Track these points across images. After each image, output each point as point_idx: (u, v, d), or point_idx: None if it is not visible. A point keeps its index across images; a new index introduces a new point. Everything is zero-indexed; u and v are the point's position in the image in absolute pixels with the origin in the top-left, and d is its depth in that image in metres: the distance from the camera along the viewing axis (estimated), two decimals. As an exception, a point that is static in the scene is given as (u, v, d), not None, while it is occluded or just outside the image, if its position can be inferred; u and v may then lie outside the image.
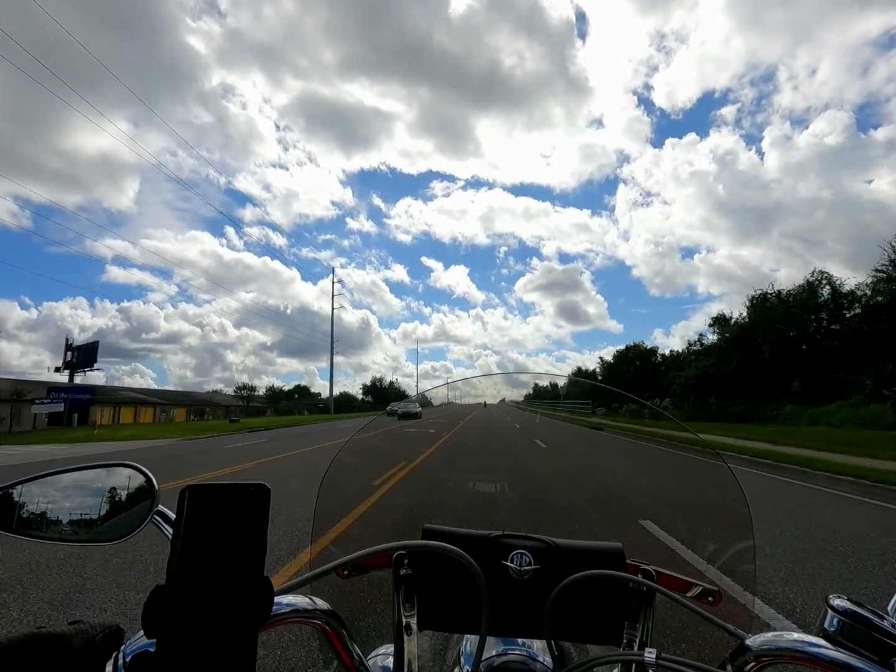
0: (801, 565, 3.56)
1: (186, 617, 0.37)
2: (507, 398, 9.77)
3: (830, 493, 6.69)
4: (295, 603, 0.51)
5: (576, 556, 0.58)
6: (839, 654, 0.44)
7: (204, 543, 0.38)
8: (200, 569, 0.38)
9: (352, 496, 2.69)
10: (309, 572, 0.54)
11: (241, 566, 0.39)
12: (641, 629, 0.59)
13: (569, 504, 4.45)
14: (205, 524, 0.39)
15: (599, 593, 0.56)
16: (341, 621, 0.54)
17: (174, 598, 0.37)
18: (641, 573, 0.60)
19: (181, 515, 0.39)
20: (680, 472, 3.40)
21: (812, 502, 6.13)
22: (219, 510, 0.39)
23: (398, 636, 0.61)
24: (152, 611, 0.37)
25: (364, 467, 2.17)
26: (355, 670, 0.55)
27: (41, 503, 0.58)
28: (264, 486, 0.41)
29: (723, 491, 0.93)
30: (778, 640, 0.47)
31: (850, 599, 0.46)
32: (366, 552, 0.54)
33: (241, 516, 0.40)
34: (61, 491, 0.60)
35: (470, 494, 2.17)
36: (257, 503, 0.40)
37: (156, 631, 0.36)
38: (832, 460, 8.97)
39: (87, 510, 0.58)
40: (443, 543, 0.55)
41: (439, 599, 0.59)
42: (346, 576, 0.64)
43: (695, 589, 0.61)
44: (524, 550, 0.58)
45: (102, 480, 0.61)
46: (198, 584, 0.38)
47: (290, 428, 26.67)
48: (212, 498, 0.39)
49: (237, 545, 0.39)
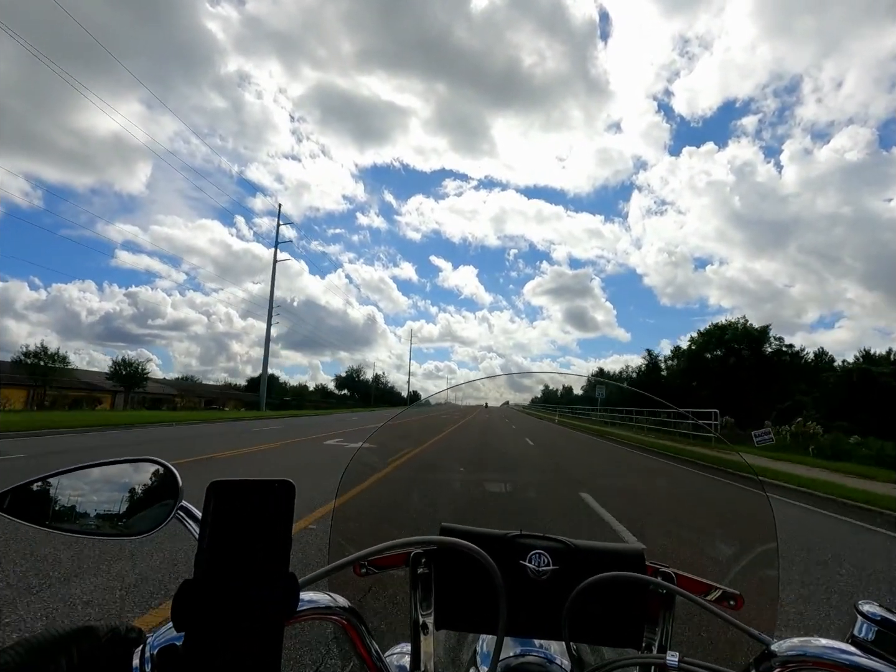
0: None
1: (215, 611, 0.38)
2: (510, 401, 9.26)
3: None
4: (316, 599, 0.52)
5: (595, 557, 0.57)
6: (870, 661, 0.42)
7: (231, 538, 0.39)
8: (228, 563, 0.39)
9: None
10: (326, 567, 0.54)
11: (267, 561, 0.40)
12: (661, 632, 0.58)
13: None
14: (231, 519, 0.39)
15: (619, 595, 0.55)
16: (361, 618, 0.54)
17: (203, 592, 0.38)
18: (661, 576, 0.59)
19: (208, 510, 0.39)
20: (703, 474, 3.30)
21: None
22: (245, 506, 0.40)
23: (415, 635, 0.61)
24: (181, 604, 0.37)
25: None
26: (374, 667, 0.55)
27: (68, 498, 0.60)
28: (289, 483, 0.42)
29: (744, 491, 0.91)
30: (805, 646, 0.46)
31: (880, 605, 0.45)
32: (384, 546, 0.55)
33: (267, 512, 0.40)
34: (87, 486, 0.61)
35: (484, 495, 2.17)
36: (282, 499, 0.41)
37: (185, 624, 0.37)
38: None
39: (112, 505, 0.60)
40: (460, 540, 0.55)
41: (456, 599, 0.58)
42: (363, 574, 0.64)
43: (715, 593, 0.59)
44: (542, 551, 0.58)
45: (127, 476, 0.62)
46: (225, 578, 0.38)
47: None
48: (238, 494, 0.40)
49: (263, 540, 0.40)
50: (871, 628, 0.43)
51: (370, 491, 1.73)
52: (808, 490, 7.93)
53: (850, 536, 5.48)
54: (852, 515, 6.54)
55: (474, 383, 1.28)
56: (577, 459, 5.75)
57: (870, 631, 0.43)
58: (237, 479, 0.40)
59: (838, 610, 3.14)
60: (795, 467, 11.13)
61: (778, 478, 8.95)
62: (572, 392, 33.78)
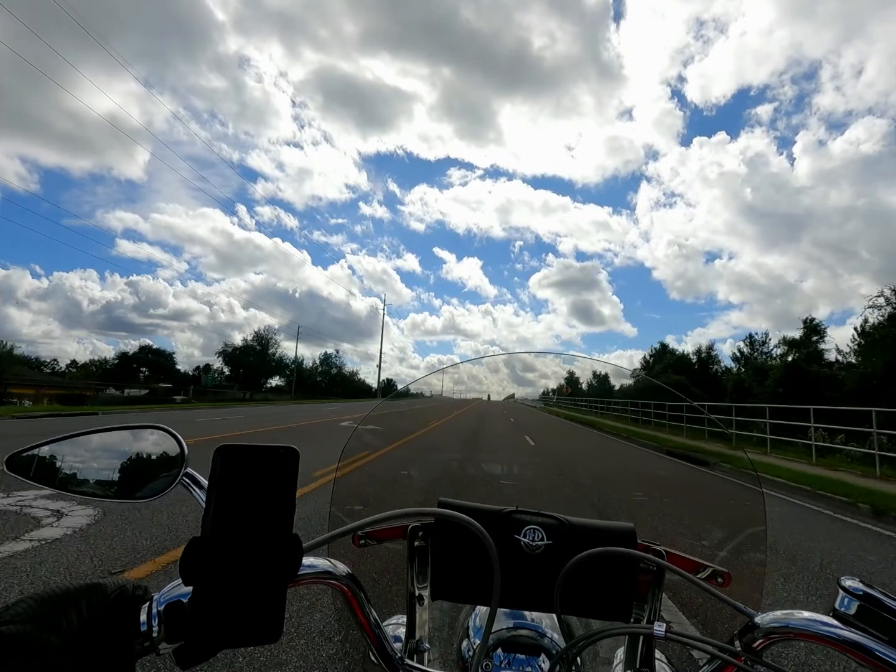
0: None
1: (222, 567, 0.39)
2: (516, 395, 8.29)
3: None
4: (318, 564, 0.53)
5: (588, 533, 0.59)
6: (849, 632, 0.44)
7: (236, 500, 0.40)
8: (234, 524, 0.40)
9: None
10: (327, 533, 0.56)
11: (271, 523, 0.41)
12: (650, 607, 0.60)
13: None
14: (237, 482, 0.40)
15: (610, 570, 0.56)
16: (360, 585, 0.56)
17: (210, 549, 0.39)
18: (652, 553, 0.61)
19: (214, 473, 0.40)
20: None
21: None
22: (250, 470, 0.41)
23: (410, 606, 0.63)
24: (189, 560, 0.38)
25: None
26: (371, 632, 0.57)
27: (77, 461, 0.61)
28: (293, 449, 0.42)
29: (739, 479, 0.93)
30: (788, 619, 0.47)
31: (862, 581, 0.46)
32: (382, 516, 0.56)
33: (272, 476, 0.41)
34: (95, 450, 0.63)
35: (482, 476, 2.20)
36: (287, 465, 0.42)
37: (192, 579, 0.38)
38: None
39: (120, 469, 0.61)
40: (457, 513, 0.56)
41: (452, 571, 0.60)
42: (361, 545, 0.66)
43: (705, 570, 0.61)
44: (537, 526, 0.59)
45: (134, 441, 0.63)
46: (232, 538, 0.39)
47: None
48: (244, 458, 0.41)
49: (268, 503, 0.41)
50: (853, 602, 0.45)
51: (370, 465, 1.75)
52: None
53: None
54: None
55: (474, 373, 1.22)
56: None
57: (851, 605, 0.45)
58: (244, 444, 0.41)
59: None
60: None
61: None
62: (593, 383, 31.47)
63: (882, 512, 6.00)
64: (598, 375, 28.73)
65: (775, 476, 8.31)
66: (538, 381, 17.12)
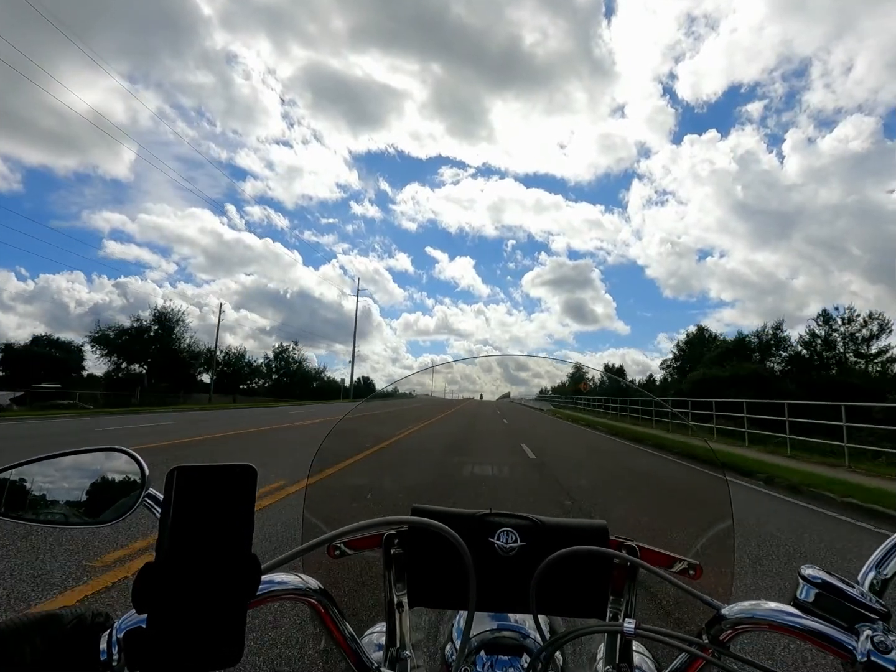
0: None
1: (176, 592, 0.38)
2: (512, 395, 7.35)
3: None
4: (287, 581, 0.52)
5: (561, 533, 0.60)
6: (808, 621, 0.46)
7: (192, 522, 0.39)
8: (189, 546, 0.39)
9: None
10: (297, 547, 0.55)
11: (228, 544, 0.40)
12: (625, 603, 0.62)
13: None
14: (193, 504, 0.39)
15: (584, 568, 0.57)
16: (332, 600, 0.55)
17: (164, 574, 0.38)
18: (625, 549, 0.62)
19: (170, 495, 0.39)
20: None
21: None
22: (206, 490, 0.40)
23: (389, 614, 0.63)
24: (142, 587, 0.37)
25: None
26: (347, 646, 0.56)
27: (32, 487, 0.58)
28: (251, 468, 0.42)
29: (705, 473, 0.97)
30: (753, 609, 0.49)
31: (821, 569, 0.48)
32: (355, 526, 0.55)
33: (228, 496, 0.40)
34: (53, 475, 0.60)
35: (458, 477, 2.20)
36: (244, 483, 0.41)
37: (146, 606, 0.37)
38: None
39: (78, 494, 0.59)
40: (430, 520, 0.56)
41: (429, 577, 0.60)
42: (337, 556, 0.65)
43: (678, 564, 0.63)
44: (510, 528, 0.60)
45: (94, 465, 0.61)
46: (187, 560, 0.38)
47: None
48: (199, 478, 0.40)
49: (225, 524, 0.40)
50: (812, 591, 0.47)
51: (343, 473, 1.73)
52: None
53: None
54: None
55: (467, 372, 1.21)
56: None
57: (811, 593, 0.47)
58: (198, 464, 0.40)
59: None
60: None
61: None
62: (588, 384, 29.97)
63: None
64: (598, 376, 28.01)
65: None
66: (532, 381, 17.13)
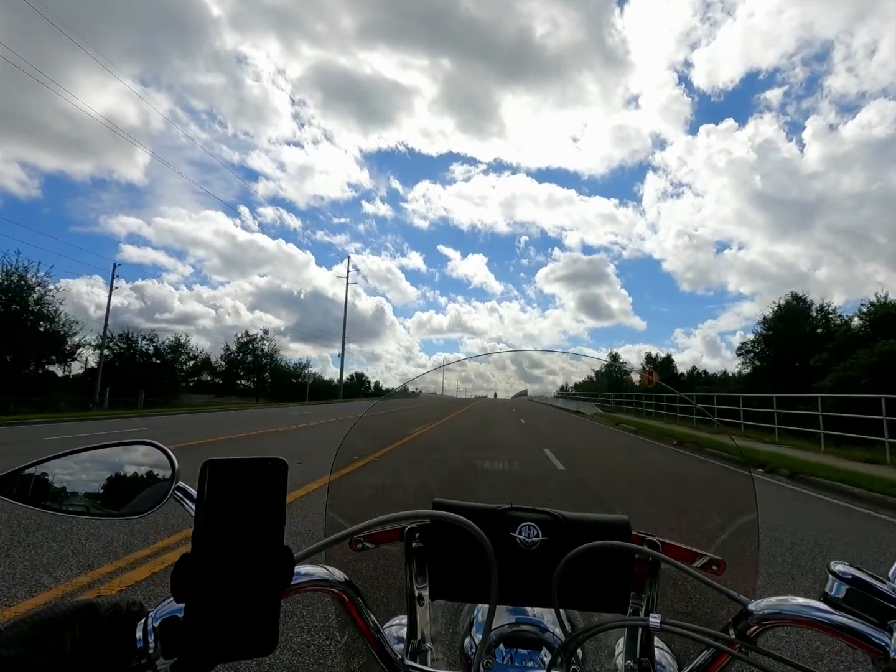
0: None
1: (213, 583, 0.39)
2: (529, 392, 6.05)
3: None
4: (313, 573, 0.53)
5: (583, 528, 0.60)
6: (839, 616, 0.45)
7: (226, 515, 0.40)
8: (224, 538, 0.40)
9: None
10: (322, 540, 0.56)
11: (262, 536, 0.41)
12: (647, 598, 0.61)
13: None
14: (226, 497, 0.40)
15: (606, 563, 0.57)
16: (357, 591, 0.56)
17: (201, 564, 0.39)
18: (647, 544, 0.62)
19: (203, 488, 0.40)
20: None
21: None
22: (239, 483, 0.41)
23: (411, 607, 0.64)
24: (180, 577, 0.38)
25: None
26: (371, 637, 0.57)
27: (65, 480, 0.60)
28: (282, 461, 0.42)
29: (730, 468, 0.95)
30: (781, 605, 0.48)
31: (851, 565, 0.47)
32: (378, 520, 0.56)
33: (261, 489, 0.41)
34: (84, 468, 0.62)
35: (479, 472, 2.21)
36: (275, 477, 0.42)
37: (184, 596, 0.38)
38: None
39: (110, 486, 0.60)
40: (452, 514, 0.56)
41: (450, 570, 0.60)
42: (359, 549, 0.66)
43: (700, 559, 0.62)
44: (532, 523, 0.60)
45: (124, 458, 0.63)
46: (222, 552, 0.39)
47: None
48: (232, 472, 0.41)
49: (258, 516, 0.41)
50: (842, 587, 0.46)
51: (365, 468, 1.76)
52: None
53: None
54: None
55: (480, 370, 1.23)
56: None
57: (841, 589, 0.46)
58: (231, 458, 0.41)
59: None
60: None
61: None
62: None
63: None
64: (613, 371, 26.60)
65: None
66: (546, 378, 16.63)
